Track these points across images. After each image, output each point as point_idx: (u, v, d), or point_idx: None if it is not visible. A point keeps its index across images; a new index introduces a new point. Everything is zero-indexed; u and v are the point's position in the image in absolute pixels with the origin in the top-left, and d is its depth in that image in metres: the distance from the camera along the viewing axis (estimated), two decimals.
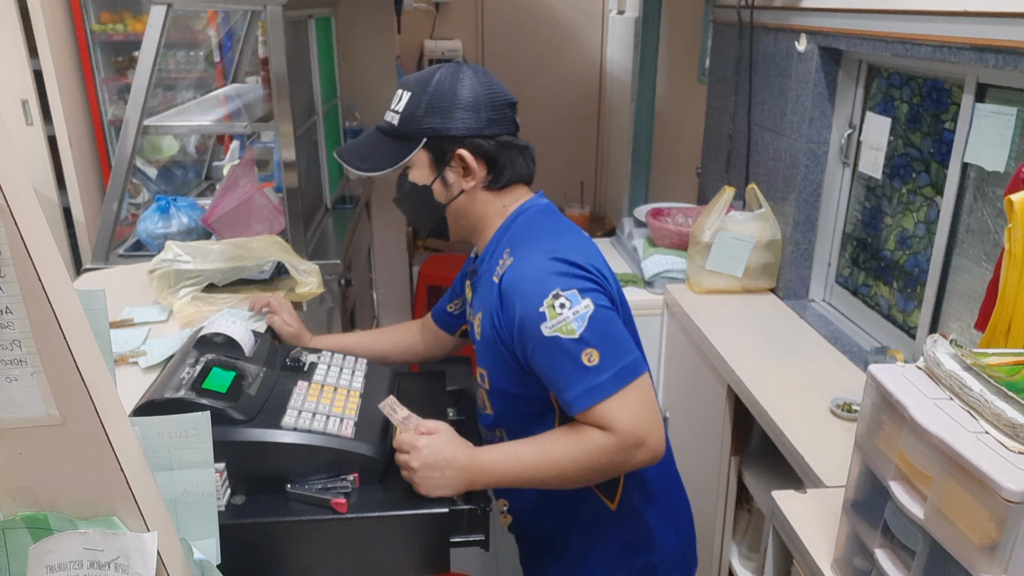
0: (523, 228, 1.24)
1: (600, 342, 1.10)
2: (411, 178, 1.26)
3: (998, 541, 0.79)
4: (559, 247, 1.17)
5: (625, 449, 1.10)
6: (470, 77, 1.22)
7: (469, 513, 1.19)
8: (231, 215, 2.37)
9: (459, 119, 1.20)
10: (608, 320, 1.12)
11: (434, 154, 1.23)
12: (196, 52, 3.66)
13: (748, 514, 2.12)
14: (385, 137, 1.26)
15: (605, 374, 1.09)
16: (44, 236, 0.62)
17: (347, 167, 1.27)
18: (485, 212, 1.28)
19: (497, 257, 1.24)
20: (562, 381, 1.12)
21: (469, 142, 1.21)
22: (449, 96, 1.20)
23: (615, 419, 1.09)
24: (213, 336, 1.26)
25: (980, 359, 0.95)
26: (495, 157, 1.23)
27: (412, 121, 1.22)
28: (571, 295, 1.10)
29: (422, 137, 1.22)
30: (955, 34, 1.52)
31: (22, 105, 3.18)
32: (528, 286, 1.13)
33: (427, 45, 4.42)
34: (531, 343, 1.13)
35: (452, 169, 1.24)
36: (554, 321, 1.10)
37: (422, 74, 1.24)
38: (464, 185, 1.24)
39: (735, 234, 2.25)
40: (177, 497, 0.89)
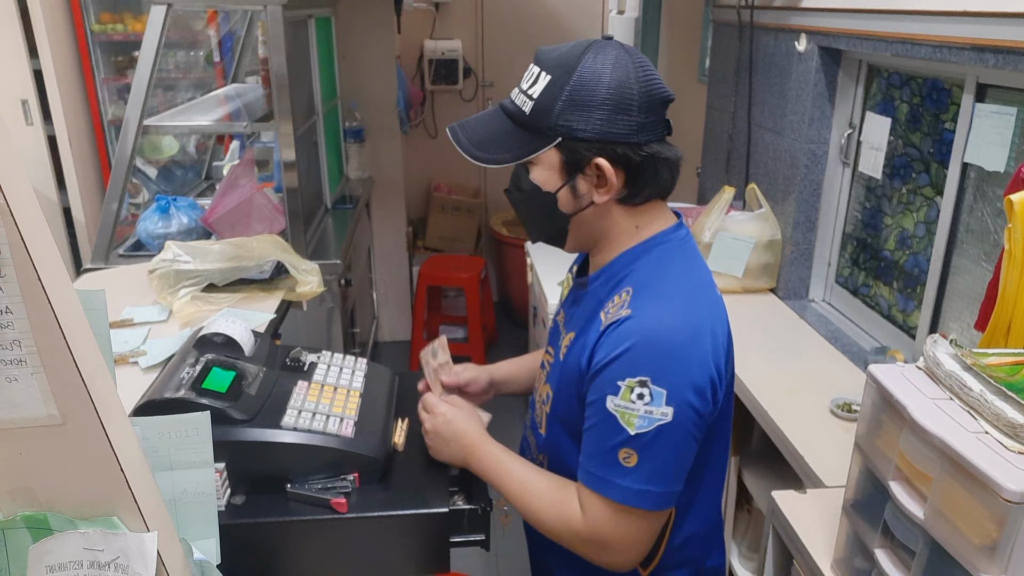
0: (655, 269, 1.05)
1: (647, 455, 0.97)
2: (533, 178, 1.05)
3: (998, 541, 0.79)
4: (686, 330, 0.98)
5: (589, 544, 1.04)
6: (624, 66, 1.00)
7: (470, 513, 1.19)
8: (231, 215, 2.37)
9: (605, 120, 0.99)
10: (675, 442, 0.98)
11: (567, 157, 1.02)
12: (196, 52, 3.66)
13: (748, 514, 2.12)
14: (510, 123, 1.05)
15: (626, 482, 0.98)
16: (44, 236, 0.62)
17: (459, 148, 1.07)
18: (613, 229, 1.07)
19: (613, 287, 1.07)
20: (590, 450, 1.02)
21: (612, 149, 1.00)
22: (597, 89, 0.98)
23: (600, 519, 1.01)
24: (213, 336, 1.26)
25: (980, 359, 0.95)
26: (639, 169, 1.02)
27: (548, 113, 1.00)
28: (657, 393, 0.95)
29: (557, 136, 1.01)
30: (955, 34, 1.52)
31: (22, 105, 3.18)
32: (627, 353, 0.97)
33: (427, 45, 4.42)
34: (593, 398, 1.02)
35: (585, 177, 1.03)
36: (622, 403, 0.97)
37: (566, 53, 1.01)
38: (596, 197, 1.04)
39: (735, 234, 2.25)
40: (177, 497, 0.89)
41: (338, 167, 3.35)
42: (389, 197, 3.83)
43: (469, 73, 4.53)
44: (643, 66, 1.02)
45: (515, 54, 4.54)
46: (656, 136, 1.03)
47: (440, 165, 4.65)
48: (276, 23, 2.24)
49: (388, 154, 3.74)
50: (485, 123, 1.08)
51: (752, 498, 2.01)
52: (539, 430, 1.20)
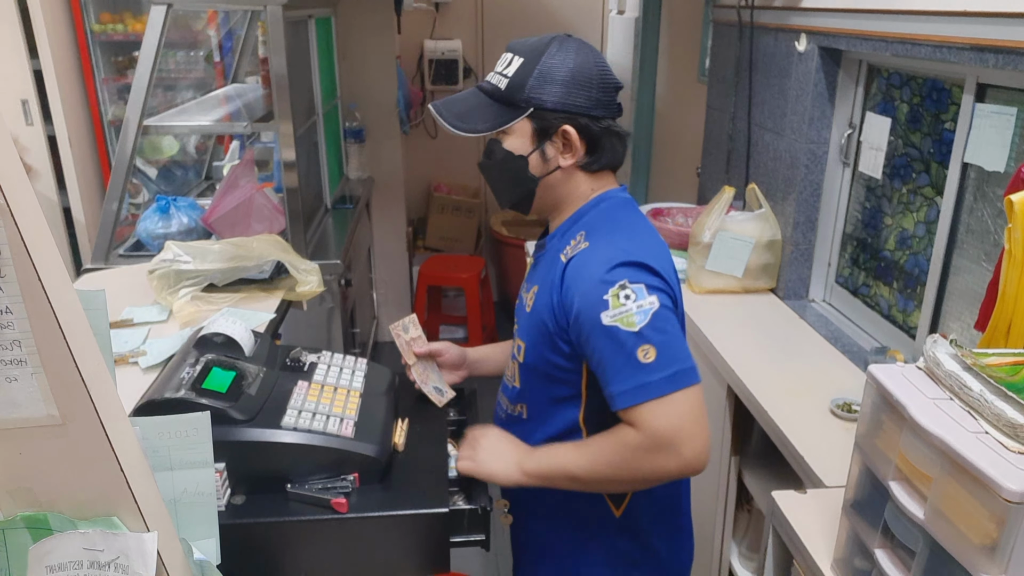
0: (603, 216, 1.21)
1: (659, 341, 1.07)
2: (506, 146, 1.21)
3: (998, 541, 0.79)
4: (635, 247, 1.14)
5: (658, 453, 1.07)
6: (585, 54, 1.19)
7: (470, 513, 1.19)
8: (231, 215, 2.37)
9: (570, 95, 1.16)
10: (671, 322, 1.10)
11: (538, 125, 1.19)
12: (196, 52, 3.66)
13: (748, 514, 2.12)
14: (487, 99, 1.22)
15: (658, 374, 1.06)
16: (44, 236, 0.62)
17: (442, 123, 1.21)
18: (573, 192, 1.24)
19: (569, 237, 1.21)
20: (612, 373, 1.09)
21: (575, 119, 1.17)
22: (563, 69, 1.16)
23: (652, 420, 1.06)
24: (213, 336, 1.26)
25: (980, 359, 0.95)
26: (598, 139, 1.20)
27: (521, 88, 1.17)
28: (638, 288, 1.08)
29: (529, 106, 1.17)
30: (955, 34, 1.52)
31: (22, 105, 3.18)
32: (597, 272, 1.11)
33: (427, 45, 4.42)
34: (588, 329, 1.11)
35: (552, 144, 1.19)
36: (616, 311, 1.07)
37: (536, 41, 1.20)
38: (562, 162, 1.20)
39: (735, 234, 2.25)
40: (177, 497, 0.89)
41: (338, 167, 3.35)
42: (389, 197, 3.83)
43: (469, 73, 4.53)
44: (599, 56, 1.21)
45: None
46: (611, 114, 1.21)
47: (440, 165, 4.65)
48: (276, 23, 2.24)
49: (388, 154, 3.74)
50: (464, 100, 1.25)
51: (752, 498, 2.01)
52: (512, 384, 1.31)
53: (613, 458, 1.11)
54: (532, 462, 1.19)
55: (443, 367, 1.48)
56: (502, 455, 1.22)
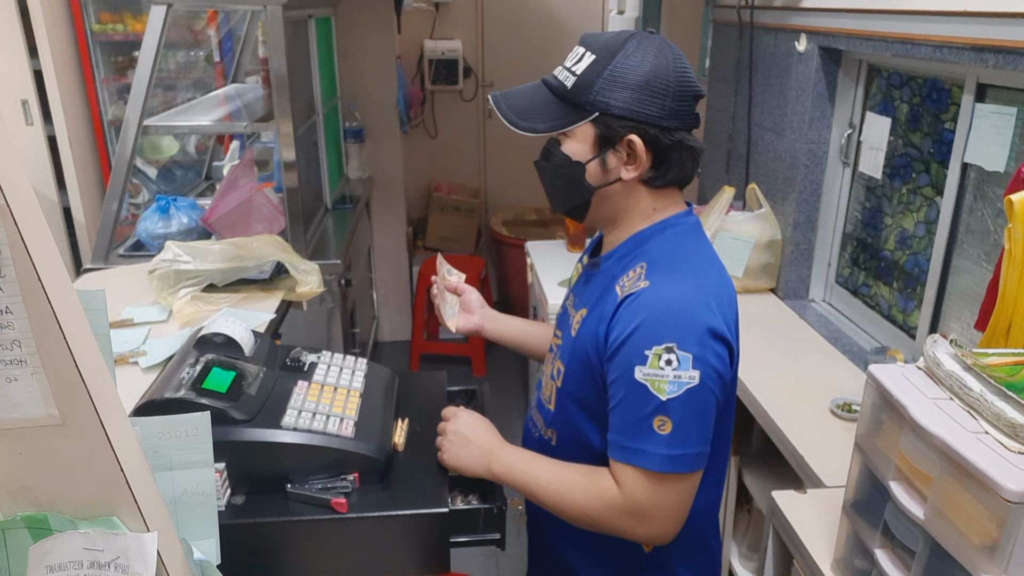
0: (667, 247, 1.11)
1: (680, 418, 1.00)
2: (565, 149, 1.11)
3: (998, 541, 0.79)
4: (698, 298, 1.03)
5: (628, 516, 1.05)
6: (665, 56, 1.07)
7: (486, 512, 1.20)
8: (231, 215, 2.37)
9: (641, 101, 1.05)
10: (703, 404, 1.02)
11: (601, 131, 1.08)
12: (196, 52, 3.66)
13: (748, 514, 2.12)
14: (550, 95, 1.12)
15: (663, 450, 1.01)
16: (44, 236, 0.62)
17: (500, 115, 1.12)
18: (633, 208, 1.14)
19: (628, 264, 1.12)
20: (622, 424, 1.04)
21: (644, 129, 1.06)
22: (637, 72, 1.05)
23: (636, 488, 1.03)
24: (213, 336, 1.26)
25: (980, 359, 0.95)
26: (667, 152, 1.09)
27: (589, 89, 1.06)
28: (684, 358, 0.99)
29: (595, 110, 1.07)
30: (955, 34, 1.52)
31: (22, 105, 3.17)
32: (650, 322, 1.01)
33: (427, 45, 4.42)
34: (618, 373, 1.04)
35: (616, 153, 1.09)
36: (652, 371, 1.00)
37: (611, 37, 1.09)
38: (623, 173, 1.10)
39: (735, 234, 2.25)
40: (177, 497, 0.89)
41: (338, 167, 3.35)
42: (389, 197, 3.83)
43: (469, 73, 4.52)
44: (681, 59, 1.08)
45: (515, 54, 4.53)
46: (685, 125, 1.09)
47: (440, 165, 4.65)
48: (276, 23, 2.23)
49: (388, 154, 3.74)
50: (527, 94, 1.14)
51: (752, 498, 2.01)
52: (547, 406, 1.23)
53: (583, 502, 1.08)
54: (500, 465, 1.16)
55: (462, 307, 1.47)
56: (470, 446, 1.18)
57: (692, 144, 1.10)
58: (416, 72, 4.49)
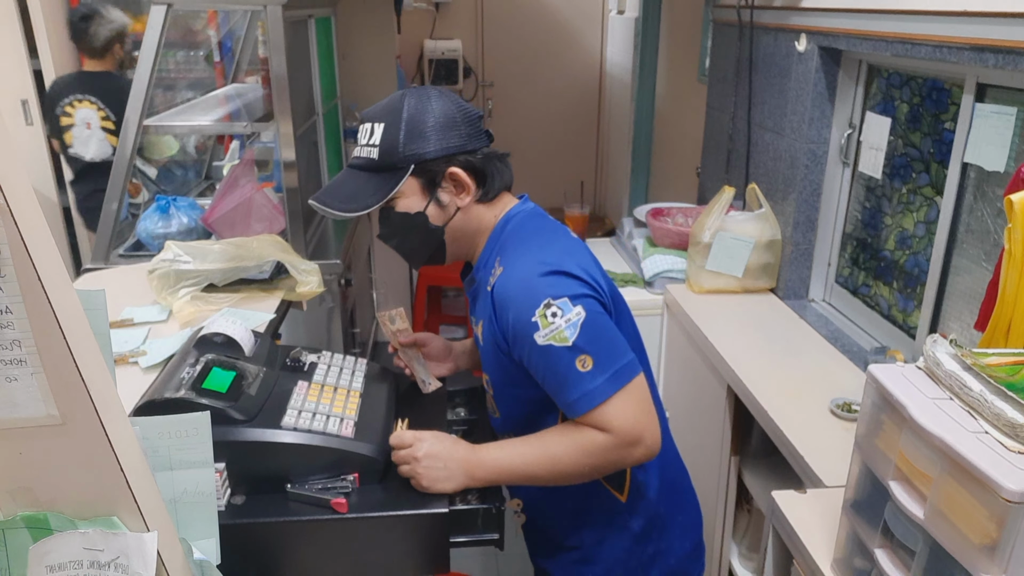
0: (512, 235, 1.24)
1: (593, 347, 1.11)
2: (399, 208, 1.23)
3: (998, 541, 0.79)
4: (548, 255, 1.16)
5: (622, 447, 1.12)
6: (436, 98, 1.21)
7: (484, 512, 1.20)
8: (231, 215, 2.37)
9: (442, 139, 1.19)
10: (600, 325, 1.13)
11: (424, 179, 1.21)
12: (196, 52, 3.66)
13: (748, 514, 2.12)
14: (363, 174, 1.24)
15: (600, 378, 1.10)
16: (44, 236, 0.62)
17: (331, 213, 1.23)
18: (480, 226, 1.27)
19: (490, 266, 1.24)
20: (558, 386, 1.13)
21: (457, 159, 1.21)
22: (426, 119, 1.19)
23: (612, 420, 1.11)
24: (213, 336, 1.26)
25: (980, 359, 0.95)
26: (483, 169, 1.23)
27: (394, 151, 1.19)
28: (562, 303, 1.11)
29: (409, 164, 1.20)
30: (955, 34, 1.52)
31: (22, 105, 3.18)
32: (520, 295, 1.13)
33: (427, 45, 4.42)
34: (526, 350, 1.14)
35: (444, 189, 1.22)
36: (547, 330, 1.11)
37: (387, 104, 1.22)
38: (459, 203, 1.24)
39: (735, 234, 2.25)
40: (177, 497, 0.89)
41: (338, 167, 3.35)
42: None
43: (469, 73, 4.53)
44: (451, 95, 1.24)
45: (515, 54, 4.53)
46: (485, 143, 1.25)
47: None
48: (276, 23, 2.23)
49: None
50: (343, 184, 1.26)
51: (752, 498, 2.01)
52: (495, 415, 1.35)
53: (580, 458, 1.14)
54: (482, 470, 1.18)
55: (428, 358, 1.49)
56: (448, 465, 1.17)
57: (498, 153, 1.26)
58: (416, 72, 4.50)
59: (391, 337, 1.46)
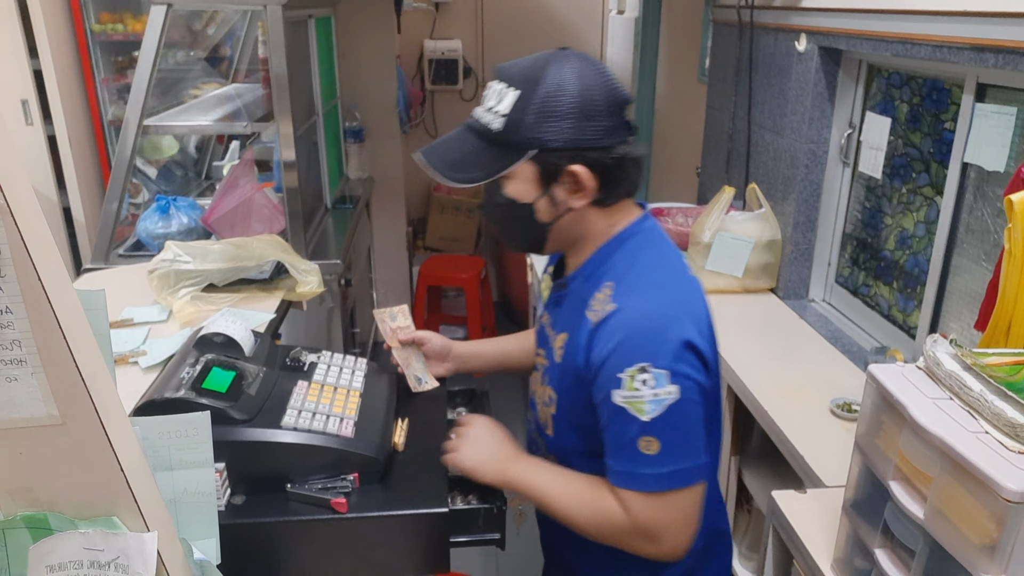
0: (630, 261, 1.08)
1: (666, 435, 0.98)
2: (508, 192, 1.06)
3: (998, 541, 0.79)
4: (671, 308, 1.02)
5: (635, 538, 1.04)
6: (588, 74, 1.02)
7: (485, 512, 1.20)
8: (231, 215, 2.37)
9: (576, 128, 1.01)
10: (686, 415, 1.00)
11: (542, 168, 1.04)
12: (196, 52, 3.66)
13: (748, 514, 2.12)
14: (478, 140, 1.07)
15: (653, 469, 0.99)
16: (44, 236, 0.62)
17: (433, 173, 1.07)
18: (590, 232, 1.11)
19: (594, 284, 1.09)
20: (612, 449, 1.03)
21: (586, 155, 1.02)
22: (565, 99, 1.00)
23: (640, 513, 1.01)
24: (213, 336, 1.26)
25: (980, 359, 0.95)
26: (612, 171, 1.05)
27: (519, 128, 1.01)
28: (659, 375, 0.97)
29: (531, 148, 1.02)
30: (955, 34, 1.52)
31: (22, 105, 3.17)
32: (624, 343, 1.00)
33: (427, 45, 4.42)
34: (601, 396, 1.03)
35: (561, 185, 1.05)
36: (628, 393, 0.98)
37: (529, 67, 1.04)
38: (573, 203, 1.06)
39: (735, 234, 2.25)
40: (177, 497, 0.89)
41: (338, 167, 3.35)
42: (389, 197, 3.83)
43: (469, 73, 4.53)
44: (603, 72, 1.04)
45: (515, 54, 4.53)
46: (622, 138, 1.05)
47: None
48: (276, 23, 2.23)
49: (388, 154, 3.74)
50: (454, 146, 1.09)
51: (752, 498, 2.01)
52: (546, 432, 1.20)
53: (593, 521, 1.07)
54: (514, 472, 1.15)
55: (428, 357, 1.44)
56: (487, 450, 1.16)
57: (635, 154, 1.07)
58: (416, 72, 4.49)
59: (388, 335, 1.42)
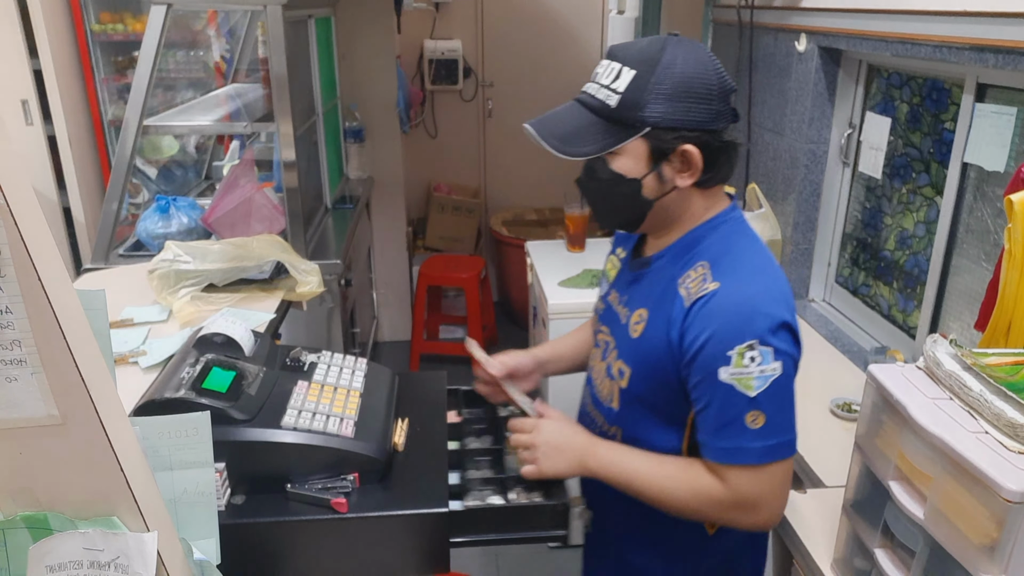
0: (726, 245, 1.11)
1: (771, 410, 1.03)
2: (615, 167, 1.09)
3: (998, 541, 0.79)
4: (773, 291, 1.06)
5: (735, 510, 1.07)
6: (702, 59, 1.06)
7: (551, 509, 1.20)
8: (231, 215, 2.37)
9: (690, 110, 1.04)
10: (787, 390, 1.05)
11: (654, 146, 1.07)
12: (196, 52, 3.66)
13: None
14: (589, 114, 1.10)
15: (760, 442, 1.03)
16: (44, 236, 0.62)
17: (542, 143, 1.09)
18: (687, 212, 1.14)
19: (685, 264, 1.12)
20: (716, 427, 1.06)
21: (697, 136, 1.06)
22: (682, 81, 1.04)
23: (743, 485, 1.05)
24: (213, 336, 1.26)
25: (980, 359, 0.95)
26: (717, 154, 1.09)
27: (636, 105, 1.05)
28: (766, 352, 1.01)
29: (645, 126, 1.05)
30: (955, 34, 1.52)
31: (22, 105, 3.17)
32: (731, 322, 1.03)
33: (427, 45, 4.42)
34: (701, 375, 1.05)
35: (670, 164, 1.08)
36: (736, 370, 1.02)
37: (645, 48, 1.07)
38: (679, 182, 1.09)
39: None
40: (177, 497, 0.89)
41: (338, 167, 3.35)
42: (389, 197, 3.83)
43: (469, 73, 4.52)
44: (713, 58, 1.08)
45: (515, 54, 4.53)
46: (727, 123, 1.10)
47: (440, 165, 4.64)
48: (276, 23, 2.23)
49: (388, 154, 3.74)
50: (565, 118, 1.12)
51: None
52: (609, 405, 1.23)
53: (689, 498, 1.09)
54: (597, 462, 1.16)
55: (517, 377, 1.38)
56: (565, 452, 1.17)
57: (737, 141, 1.12)
58: (416, 72, 4.49)
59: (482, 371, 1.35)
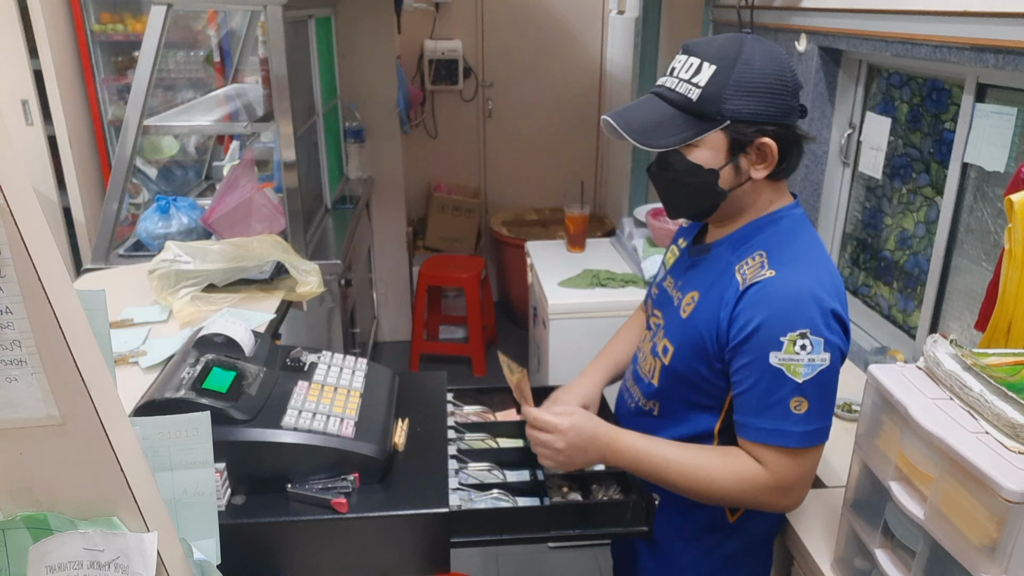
0: (787, 238, 1.16)
1: (815, 397, 1.07)
2: (694, 158, 1.13)
3: (998, 541, 0.79)
4: (828, 283, 1.10)
5: (772, 492, 1.11)
6: (777, 57, 1.11)
7: (634, 504, 1.21)
8: (231, 215, 2.37)
9: (769, 104, 1.10)
10: (832, 381, 1.09)
11: (733, 138, 1.11)
12: (196, 52, 3.66)
13: None
14: (669, 108, 1.14)
15: (801, 427, 1.08)
16: (44, 236, 0.62)
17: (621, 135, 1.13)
18: (755, 203, 1.18)
19: (744, 252, 1.17)
20: (758, 408, 1.10)
21: (773, 130, 1.11)
22: (760, 76, 1.09)
23: (782, 467, 1.10)
24: (213, 336, 1.26)
25: (980, 359, 0.95)
26: (789, 148, 1.14)
27: (716, 100, 1.09)
28: (816, 341, 1.06)
29: (725, 119, 1.10)
30: (955, 34, 1.52)
31: (22, 105, 3.17)
32: (785, 308, 1.07)
33: (427, 45, 4.42)
34: (749, 358, 1.10)
35: (747, 156, 1.13)
36: (786, 356, 1.06)
37: (723, 44, 1.11)
38: (754, 173, 1.14)
39: None
40: (177, 497, 0.89)
41: (338, 167, 3.35)
42: (389, 197, 3.83)
43: (469, 73, 4.52)
44: (786, 57, 1.13)
45: (515, 54, 4.53)
46: (799, 118, 1.16)
47: (440, 165, 4.65)
48: (276, 23, 2.24)
49: (388, 154, 3.74)
50: (644, 111, 1.16)
51: None
52: (649, 380, 1.28)
53: (724, 483, 1.13)
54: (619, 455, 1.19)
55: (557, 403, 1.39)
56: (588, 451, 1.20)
57: (807, 135, 1.18)
58: (416, 72, 4.49)
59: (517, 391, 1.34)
